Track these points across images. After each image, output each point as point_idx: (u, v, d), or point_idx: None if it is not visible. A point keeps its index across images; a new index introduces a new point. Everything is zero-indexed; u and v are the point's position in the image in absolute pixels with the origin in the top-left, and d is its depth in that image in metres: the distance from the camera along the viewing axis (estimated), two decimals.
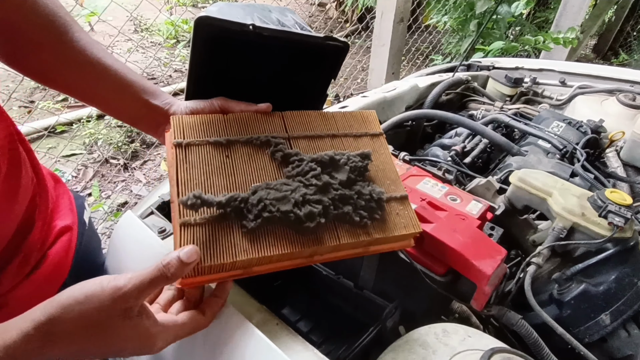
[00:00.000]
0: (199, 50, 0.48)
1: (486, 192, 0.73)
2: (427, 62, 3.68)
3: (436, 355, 0.44)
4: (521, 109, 1.23)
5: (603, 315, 0.54)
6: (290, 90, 0.59)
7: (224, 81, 0.54)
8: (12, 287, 0.49)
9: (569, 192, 0.63)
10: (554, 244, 0.59)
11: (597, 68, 1.47)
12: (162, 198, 0.70)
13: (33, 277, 0.51)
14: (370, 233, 0.46)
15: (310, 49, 0.53)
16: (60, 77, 0.49)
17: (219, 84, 0.53)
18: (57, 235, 0.56)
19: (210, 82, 0.52)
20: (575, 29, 2.46)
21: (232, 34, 0.46)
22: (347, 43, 0.53)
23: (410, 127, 1.21)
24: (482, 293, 0.52)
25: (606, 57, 5.08)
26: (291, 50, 0.53)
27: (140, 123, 0.53)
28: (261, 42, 0.48)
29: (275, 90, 0.57)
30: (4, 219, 0.46)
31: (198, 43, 0.47)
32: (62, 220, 0.58)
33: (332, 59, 0.55)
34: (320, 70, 0.57)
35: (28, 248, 0.50)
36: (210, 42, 0.47)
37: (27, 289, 0.50)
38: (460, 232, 0.55)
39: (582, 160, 0.86)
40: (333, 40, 0.51)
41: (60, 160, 2.20)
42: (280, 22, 0.52)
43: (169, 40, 3.82)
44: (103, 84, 0.49)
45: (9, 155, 0.46)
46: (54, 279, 0.55)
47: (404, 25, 2.53)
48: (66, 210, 0.60)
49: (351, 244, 0.46)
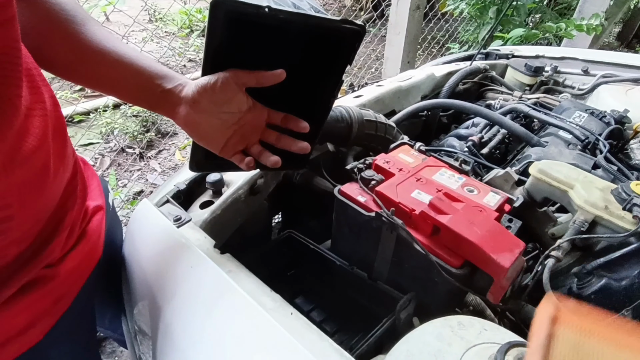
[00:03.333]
0: (214, 32, 0.47)
1: (504, 184, 0.71)
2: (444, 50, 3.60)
3: (451, 347, 0.43)
4: (541, 99, 1.19)
5: (624, 311, 0.53)
6: (305, 75, 0.58)
7: (239, 65, 0.53)
8: (60, 258, 0.51)
9: (592, 184, 0.61)
10: (575, 237, 0.57)
11: (622, 56, 1.42)
12: (178, 187, 0.71)
13: (76, 252, 0.54)
14: None
15: (327, 33, 0.52)
16: (77, 69, 0.50)
17: (235, 67, 0.53)
18: (92, 213, 0.59)
19: (227, 66, 0.52)
20: (599, 15, 2.37)
21: (248, 17, 0.46)
22: (363, 26, 0.52)
23: (426, 117, 1.19)
24: (499, 286, 0.52)
25: (631, 45, 4.89)
26: (307, 34, 0.52)
27: (157, 107, 0.53)
28: (277, 25, 0.48)
29: (290, 75, 0.56)
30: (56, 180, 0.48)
31: (213, 25, 0.46)
32: (93, 201, 0.60)
33: (348, 44, 0.54)
34: (336, 55, 0.55)
35: (71, 222, 0.52)
36: (226, 25, 0.47)
37: (72, 263, 0.53)
38: (478, 225, 0.54)
39: (605, 151, 0.83)
40: (350, 23, 0.50)
41: (78, 149, 2.24)
42: (296, 6, 0.51)
43: (183, 29, 3.83)
44: (118, 72, 0.50)
45: (55, 121, 0.47)
46: (92, 254, 0.58)
47: (420, 12, 2.48)
48: (97, 191, 0.62)
49: None
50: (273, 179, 0.81)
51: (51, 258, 0.49)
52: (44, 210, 0.46)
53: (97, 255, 0.59)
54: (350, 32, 0.52)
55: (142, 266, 0.62)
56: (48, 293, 0.49)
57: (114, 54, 0.49)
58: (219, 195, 0.71)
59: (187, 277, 0.55)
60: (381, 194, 0.60)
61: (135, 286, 0.62)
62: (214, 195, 0.72)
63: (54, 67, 0.50)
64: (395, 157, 0.70)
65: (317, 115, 0.63)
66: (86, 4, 2.53)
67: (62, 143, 0.49)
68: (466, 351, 0.42)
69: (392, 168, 0.67)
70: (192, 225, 0.63)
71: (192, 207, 0.71)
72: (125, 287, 0.66)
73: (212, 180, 0.70)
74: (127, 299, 0.66)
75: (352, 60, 0.56)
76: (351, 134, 0.80)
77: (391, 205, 0.59)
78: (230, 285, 0.51)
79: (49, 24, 0.47)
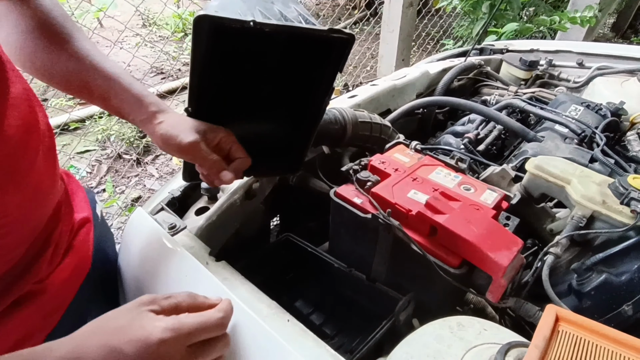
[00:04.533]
0: (200, 48, 0.47)
1: (501, 181, 0.71)
2: (438, 47, 3.59)
3: (451, 349, 0.43)
4: (537, 93, 1.19)
5: (625, 306, 0.52)
6: (296, 84, 0.58)
7: (228, 78, 0.53)
8: (48, 274, 0.52)
9: (589, 179, 0.61)
10: (573, 233, 0.57)
11: (617, 47, 1.41)
12: (172, 194, 0.70)
13: (63, 266, 0.54)
14: None
15: (315, 43, 0.52)
16: (62, 78, 0.52)
17: (222, 81, 0.52)
18: (78, 227, 0.59)
19: (214, 80, 0.51)
20: (593, 7, 2.36)
21: (233, 31, 0.45)
22: (352, 35, 0.51)
23: (422, 114, 1.18)
24: (498, 285, 0.51)
25: (625, 35, 4.88)
26: (296, 43, 0.51)
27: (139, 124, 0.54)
28: (264, 37, 0.47)
29: (281, 84, 0.56)
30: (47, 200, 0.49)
31: (199, 42, 0.46)
32: (80, 213, 0.61)
33: (338, 52, 0.53)
34: (326, 63, 0.55)
35: (58, 238, 0.53)
36: (212, 40, 0.46)
37: (60, 277, 0.54)
38: (475, 223, 0.54)
39: (601, 144, 0.82)
40: (338, 32, 0.50)
41: (74, 156, 2.23)
42: (283, 15, 0.50)
43: (177, 33, 3.82)
44: (100, 85, 0.51)
45: (49, 142, 0.48)
46: (81, 267, 0.59)
47: (413, 9, 2.47)
48: (82, 204, 0.63)
49: None
50: (269, 182, 0.81)
51: (39, 274, 0.49)
52: (35, 227, 0.46)
53: (86, 268, 0.59)
54: (339, 41, 0.51)
55: (137, 276, 0.62)
56: (38, 308, 0.48)
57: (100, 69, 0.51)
58: (214, 201, 0.71)
59: (182, 286, 0.55)
60: (377, 195, 0.60)
61: (130, 297, 0.61)
62: (210, 201, 0.71)
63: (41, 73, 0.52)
64: (390, 157, 0.69)
65: (310, 119, 0.63)
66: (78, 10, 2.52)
67: (53, 162, 0.50)
68: (466, 353, 0.42)
69: (387, 168, 0.66)
70: (187, 232, 0.62)
71: (188, 213, 0.70)
72: (122, 297, 0.65)
73: (207, 186, 0.70)
74: None
75: (342, 67, 0.55)
76: (345, 136, 0.79)
77: (387, 206, 0.58)
78: (225, 293, 0.50)
79: (41, 34, 0.49)
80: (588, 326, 0.36)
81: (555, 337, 0.35)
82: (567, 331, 0.36)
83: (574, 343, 0.34)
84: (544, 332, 0.34)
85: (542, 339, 0.34)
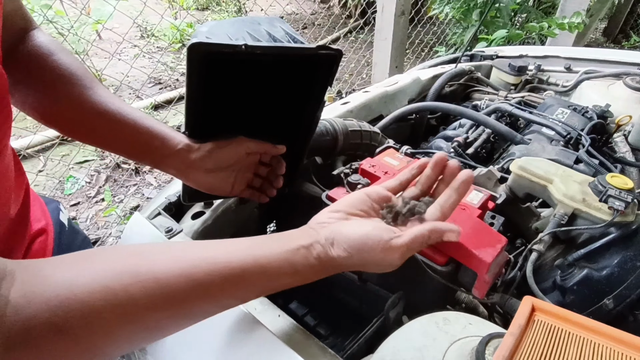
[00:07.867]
0: (194, 75, 0.49)
1: (487, 182, 0.73)
2: (432, 54, 3.65)
3: (436, 342, 0.44)
4: (526, 97, 1.21)
5: (606, 300, 0.54)
6: (287, 99, 0.60)
7: (221, 99, 0.55)
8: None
9: (571, 178, 0.63)
10: (555, 230, 0.59)
11: (604, 52, 1.45)
12: (169, 199, 0.72)
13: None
14: None
15: (304, 60, 0.54)
16: (79, 127, 0.55)
17: (218, 104, 0.55)
18: (33, 237, 0.60)
19: (209, 103, 0.54)
20: (580, 13, 2.41)
21: (226, 56, 0.47)
22: (339, 50, 0.54)
23: (414, 120, 1.21)
24: (483, 281, 0.53)
25: (617, 40, 4.96)
26: (286, 62, 0.53)
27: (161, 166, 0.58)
28: (255, 59, 0.49)
29: (274, 102, 0.58)
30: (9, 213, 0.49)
31: (193, 69, 0.48)
32: (36, 224, 0.61)
33: (327, 67, 0.55)
34: (316, 79, 0.57)
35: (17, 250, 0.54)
36: (205, 67, 0.48)
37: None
38: (460, 222, 0.55)
39: (586, 146, 0.85)
40: (326, 49, 0.52)
41: (73, 167, 2.25)
42: (271, 35, 0.53)
43: (174, 44, 3.86)
44: (118, 131, 0.54)
45: (15, 159, 0.49)
46: None
47: (405, 18, 2.51)
48: (38, 215, 0.63)
49: None
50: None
51: None
52: None
53: None
54: (327, 57, 0.53)
55: None
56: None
57: (117, 114, 0.53)
58: (210, 206, 0.73)
59: None
60: None
61: None
62: (205, 206, 0.73)
63: (58, 124, 0.55)
64: (380, 161, 0.71)
65: (303, 134, 0.65)
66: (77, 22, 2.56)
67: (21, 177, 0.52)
68: (450, 345, 0.43)
69: (377, 171, 0.68)
70: (183, 236, 0.64)
71: (184, 218, 0.72)
72: None
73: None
74: None
75: (332, 81, 0.58)
76: (337, 146, 0.81)
77: None
78: None
79: (60, 85, 0.52)
80: (563, 315, 0.38)
81: (531, 326, 0.37)
82: (542, 320, 0.37)
83: (548, 331, 0.36)
84: (519, 321, 0.36)
85: (517, 327, 0.36)
